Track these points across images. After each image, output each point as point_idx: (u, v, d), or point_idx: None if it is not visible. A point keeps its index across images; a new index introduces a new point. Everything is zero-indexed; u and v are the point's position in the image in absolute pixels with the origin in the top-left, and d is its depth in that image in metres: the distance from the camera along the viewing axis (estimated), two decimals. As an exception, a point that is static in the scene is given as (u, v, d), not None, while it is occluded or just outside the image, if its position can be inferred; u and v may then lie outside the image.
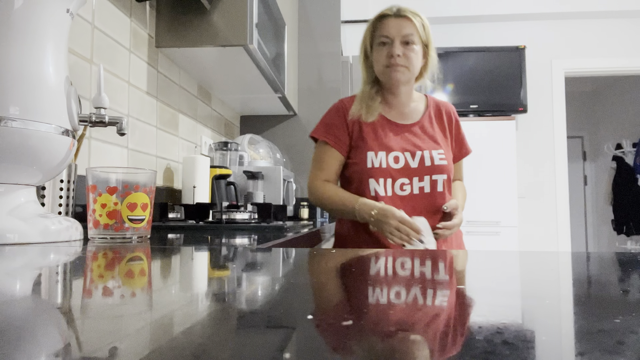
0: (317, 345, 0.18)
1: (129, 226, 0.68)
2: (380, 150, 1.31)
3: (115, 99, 1.36)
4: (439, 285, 0.34)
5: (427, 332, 0.20)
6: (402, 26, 1.32)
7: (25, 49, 0.64)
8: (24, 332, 0.19)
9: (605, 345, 0.17)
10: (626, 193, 4.89)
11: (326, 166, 1.35)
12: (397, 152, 1.31)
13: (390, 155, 1.31)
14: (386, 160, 1.30)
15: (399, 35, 1.31)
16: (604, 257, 0.51)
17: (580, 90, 5.72)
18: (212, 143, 2.10)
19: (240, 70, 1.85)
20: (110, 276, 0.37)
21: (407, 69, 1.33)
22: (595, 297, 0.29)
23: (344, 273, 0.39)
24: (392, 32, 1.32)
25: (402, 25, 1.32)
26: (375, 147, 1.31)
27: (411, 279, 0.35)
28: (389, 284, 0.33)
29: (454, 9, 3.87)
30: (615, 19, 3.86)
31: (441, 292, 0.31)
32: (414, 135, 1.35)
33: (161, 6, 1.61)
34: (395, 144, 1.32)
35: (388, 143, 1.32)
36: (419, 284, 0.33)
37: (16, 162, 0.63)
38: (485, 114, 3.61)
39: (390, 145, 1.32)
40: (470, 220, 3.40)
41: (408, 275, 0.37)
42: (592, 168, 5.80)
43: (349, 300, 0.27)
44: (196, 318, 0.22)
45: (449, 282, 0.35)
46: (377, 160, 1.30)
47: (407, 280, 0.34)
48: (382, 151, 1.31)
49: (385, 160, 1.30)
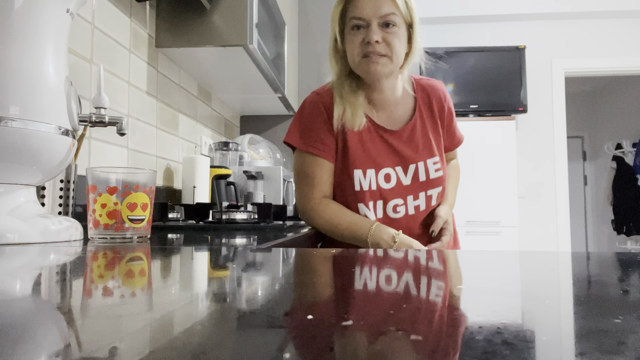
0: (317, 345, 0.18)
1: (129, 226, 0.68)
2: (369, 167, 1.13)
3: (115, 99, 1.36)
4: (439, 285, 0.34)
5: (427, 332, 0.20)
6: (380, 4, 1.05)
7: (25, 49, 0.64)
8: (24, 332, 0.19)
9: (605, 345, 0.17)
10: (626, 193, 4.89)
11: (318, 182, 1.15)
12: (387, 169, 1.13)
13: (381, 174, 1.13)
14: (376, 179, 1.13)
15: (376, 15, 1.05)
16: (604, 257, 0.51)
17: (580, 90, 5.72)
18: (212, 143, 2.10)
19: (240, 70, 1.85)
20: (110, 276, 0.37)
21: (389, 58, 1.08)
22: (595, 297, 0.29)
23: (343, 273, 0.39)
24: (368, 13, 1.05)
25: (380, 3, 1.05)
26: (363, 164, 1.13)
27: (411, 279, 0.35)
28: (388, 284, 0.33)
29: (454, 9, 3.87)
30: (615, 19, 3.86)
31: (441, 292, 0.30)
32: (405, 142, 1.15)
33: (161, 6, 1.61)
34: (386, 158, 1.14)
35: (377, 157, 1.14)
36: (419, 283, 0.33)
37: (16, 162, 0.63)
38: (485, 114, 3.61)
39: (379, 161, 1.13)
40: (470, 220, 3.40)
41: (408, 276, 0.37)
42: (592, 168, 5.80)
43: (349, 301, 0.27)
44: (196, 318, 0.22)
45: (449, 282, 0.35)
46: (365, 182, 1.12)
47: (407, 280, 0.34)
48: (371, 168, 1.13)
49: (375, 181, 1.13)
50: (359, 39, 1.07)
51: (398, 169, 1.14)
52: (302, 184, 1.17)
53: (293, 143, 1.17)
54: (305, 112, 1.17)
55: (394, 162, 1.14)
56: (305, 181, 1.16)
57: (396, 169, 1.14)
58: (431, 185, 1.15)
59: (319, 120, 1.14)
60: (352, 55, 1.10)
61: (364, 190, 1.13)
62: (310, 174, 1.15)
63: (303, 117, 1.17)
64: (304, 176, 1.17)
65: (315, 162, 1.14)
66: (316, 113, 1.15)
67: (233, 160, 2.07)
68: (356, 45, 1.08)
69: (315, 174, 1.15)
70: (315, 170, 1.15)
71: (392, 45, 1.07)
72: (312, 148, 1.14)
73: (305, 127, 1.16)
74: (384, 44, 1.06)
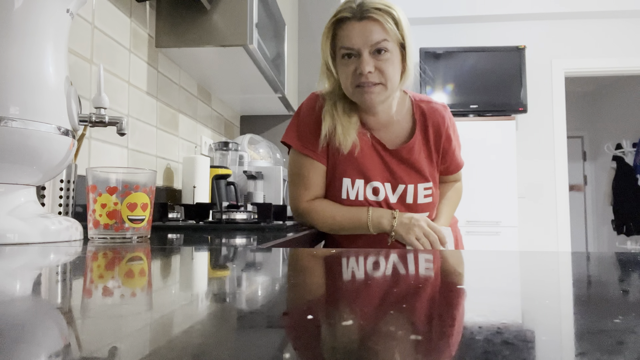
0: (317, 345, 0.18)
1: (129, 226, 0.68)
2: (358, 177, 1.13)
3: (115, 99, 1.37)
4: (439, 285, 0.34)
5: (428, 332, 0.20)
6: (369, 31, 1.01)
7: (25, 49, 0.64)
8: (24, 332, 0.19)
9: (605, 345, 0.17)
10: (626, 193, 4.89)
11: (312, 184, 1.16)
12: (377, 183, 1.13)
13: (370, 186, 1.13)
14: (364, 191, 1.13)
15: (367, 44, 1.02)
16: (604, 257, 0.51)
17: (580, 90, 5.72)
18: (212, 143, 2.10)
19: (240, 70, 1.85)
20: (110, 276, 0.37)
21: (384, 86, 1.05)
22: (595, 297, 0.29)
23: (343, 273, 0.39)
24: (357, 42, 1.02)
25: (369, 31, 1.01)
26: (354, 173, 1.13)
27: (412, 279, 0.35)
28: (389, 284, 0.33)
29: (455, 9, 3.87)
30: (615, 19, 3.86)
31: (441, 292, 0.31)
32: (399, 162, 1.14)
33: (161, 6, 1.61)
34: (377, 173, 1.13)
35: (369, 170, 1.13)
36: (419, 283, 0.33)
37: (16, 162, 0.63)
38: (485, 114, 3.61)
39: (370, 174, 1.13)
40: (470, 220, 3.40)
41: (408, 276, 0.37)
42: (592, 168, 5.80)
43: (349, 301, 0.27)
44: (196, 318, 0.22)
45: (449, 281, 0.35)
46: (353, 191, 1.12)
47: (408, 280, 0.34)
48: (360, 179, 1.13)
49: (363, 192, 1.13)
50: (351, 69, 1.05)
51: (387, 185, 1.14)
52: (296, 185, 1.18)
53: (290, 143, 1.18)
54: (303, 113, 1.17)
55: (385, 178, 1.14)
56: (300, 182, 1.17)
57: (385, 185, 1.14)
58: (417, 209, 1.15)
59: (316, 123, 1.14)
60: (346, 84, 1.08)
61: (350, 199, 1.14)
62: (306, 175, 1.16)
63: (300, 118, 1.17)
64: (299, 177, 1.18)
65: (311, 165, 1.16)
66: (314, 115, 1.15)
67: (233, 160, 2.07)
68: (349, 75, 1.06)
69: (310, 176, 1.16)
70: (310, 173, 1.16)
71: (385, 72, 1.04)
72: (308, 150, 1.15)
73: (303, 128, 1.16)
74: (376, 72, 1.04)
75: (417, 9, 3.88)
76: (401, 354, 0.16)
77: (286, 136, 1.19)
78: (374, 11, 1.01)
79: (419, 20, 3.94)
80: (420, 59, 3.71)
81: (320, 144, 1.13)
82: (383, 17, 1.02)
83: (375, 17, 1.01)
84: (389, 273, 0.38)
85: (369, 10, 1.02)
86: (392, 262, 0.45)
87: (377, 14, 1.02)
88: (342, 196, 1.14)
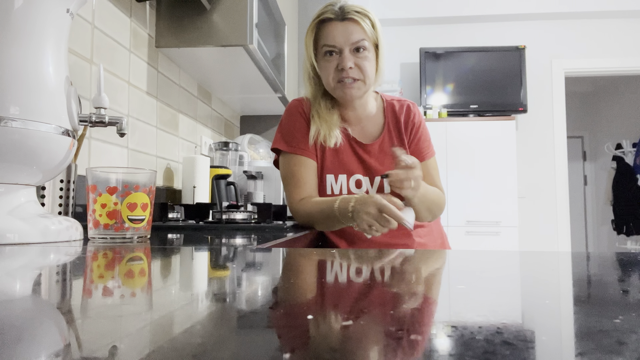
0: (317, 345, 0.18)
1: (129, 226, 0.68)
2: (341, 173, 1.19)
3: (115, 99, 1.37)
4: (439, 285, 0.34)
5: (427, 331, 0.20)
6: (350, 31, 1.12)
7: (25, 49, 0.64)
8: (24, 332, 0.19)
9: (605, 345, 0.17)
10: (626, 193, 4.89)
11: (303, 181, 1.19)
12: (359, 176, 1.20)
13: (352, 179, 1.20)
14: (347, 185, 1.19)
15: (348, 42, 1.12)
16: (604, 257, 0.51)
17: (580, 90, 5.72)
18: (212, 143, 2.10)
19: (240, 70, 1.85)
20: (110, 276, 0.37)
21: (362, 82, 1.15)
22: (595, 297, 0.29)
23: (343, 273, 0.39)
24: (339, 41, 1.12)
25: (350, 31, 1.12)
26: (336, 170, 1.19)
27: (411, 279, 0.35)
28: (389, 284, 0.33)
29: (454, 9, 3.87)
30: (615, 19, 3.86)
31: (441, 292, 0.31)
32: (374, 156, 1.21)
33: (161, 6, 1.61)
34: (356, 167, 1.20)
35: (349, 165, 1.20)
36: (419, 284, 0.33)
37: (16, 162, 0.63)
38: (485, 114, 3.61)
39: (350, 169, 1.20)
40: (471, 220, 3.40)
41: (408, 275, 0.37)
42: (592, 168, 5.80)
43: (348, 301, 0.27)
44: (196, 318, 0.22)
45: (449, 281, 0.35)
46: (337, 186, 1.19)
47: (408, 280, 0.34)
48: (342, 174, 1.19)
49: (347, 185, 1.19)
50: (333, 65, 1.14)
51: (365, 179, 1.20)
52: (289, 185, 1.21)
53: (278, 147, 1.22)
54: (287, 117, 1.23)
55: (362, 171, 1.21)
56: (292, 181, 1.20)
57: (364, 179, 1.20)
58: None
59: (300, 123, 1.21)
60: (327, 80, 1.16)
61: (335, 193, 1.19)
62: (296, 173, 1.19)
63: (284, 123, 1.23)
64: (290, 177, 1.21)
65: (300, 162, 1.20)
66: (297, 117, 1.22)
67: (233, 160, 2.07)
68: (330, 72, 1.15)
69: (301, 174, 1.19)
70: (301, 170, 1.19)
71: (363, 69, 1.13)
72: (295, 149, 1.20)
73: (288, 131, 1.22)
74: (356, 69, 1.13)
75: (417, 9, 3.88)
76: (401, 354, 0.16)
77: (274, 143, 1.24)
78: (354, 13, 1.12)
79: (419, 21, 3.94)
80: (421, 59, 3.72)
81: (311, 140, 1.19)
82: (362, 19, 1.12)
83: (356, 19, 1.12)
84: (389, 273, 0.38)
85: (350, 12, 1.12)
86: (393, 262, 0.45)
87: (357, 16, 1.12)
88: (327, 192, 1.19)
